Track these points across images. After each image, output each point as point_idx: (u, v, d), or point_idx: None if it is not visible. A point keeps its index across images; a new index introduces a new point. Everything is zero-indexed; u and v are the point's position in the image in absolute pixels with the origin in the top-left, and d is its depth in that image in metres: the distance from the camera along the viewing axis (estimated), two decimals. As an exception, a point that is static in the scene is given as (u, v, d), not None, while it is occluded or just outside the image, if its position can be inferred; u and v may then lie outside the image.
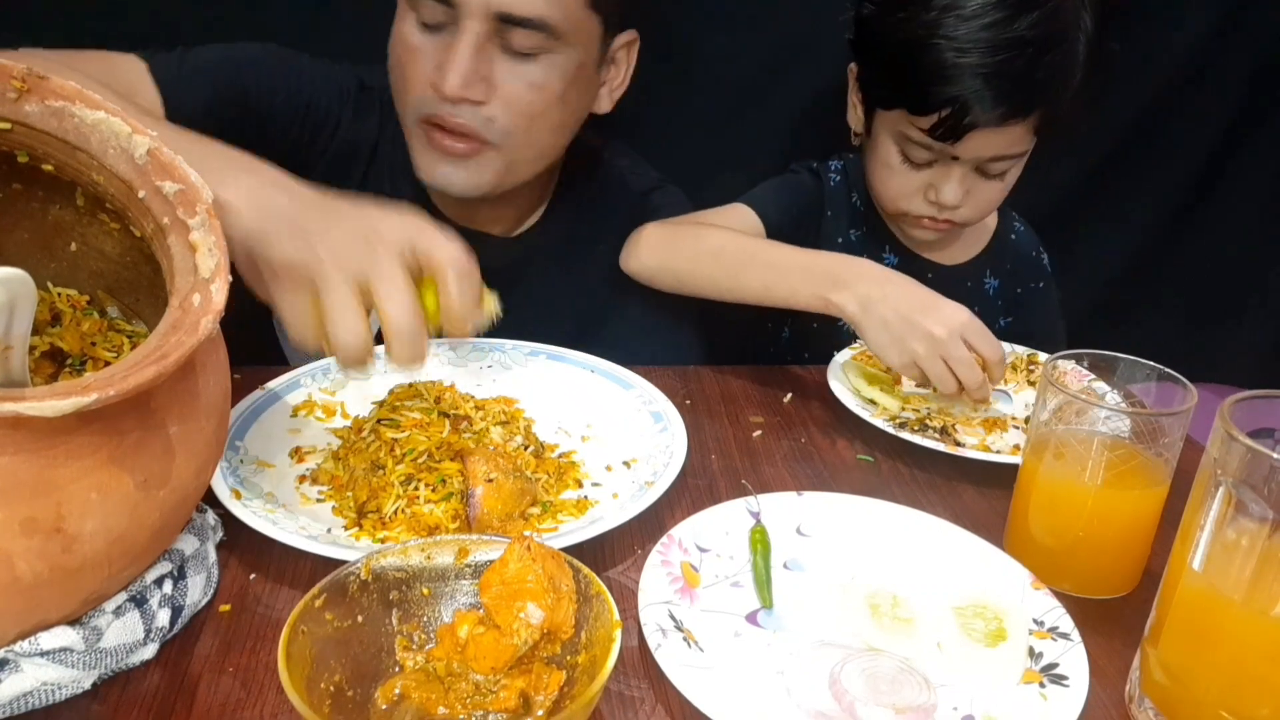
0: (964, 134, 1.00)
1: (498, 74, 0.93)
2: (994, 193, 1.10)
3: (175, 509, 0.55)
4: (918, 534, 0.72)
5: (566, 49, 0.95)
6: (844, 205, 1.22)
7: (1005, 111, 0.99)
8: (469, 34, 0.90)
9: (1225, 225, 1.52)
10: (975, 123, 0.99)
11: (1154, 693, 0.57)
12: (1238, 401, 0.54)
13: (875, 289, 0.92)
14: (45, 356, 0.62)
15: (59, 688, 0.54)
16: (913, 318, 0.89)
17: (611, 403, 0.91)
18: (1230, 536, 0.53)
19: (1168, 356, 0.71)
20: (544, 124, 0.99)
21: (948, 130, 1.00)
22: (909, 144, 1.06)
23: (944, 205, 1.07)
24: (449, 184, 0.98)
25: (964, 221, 1.12)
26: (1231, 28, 1.38)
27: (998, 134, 1.01)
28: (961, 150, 1.03)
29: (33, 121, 0.54)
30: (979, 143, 1.02)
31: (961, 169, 1.05)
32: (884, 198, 1.13)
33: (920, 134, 1.03)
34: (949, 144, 1.02)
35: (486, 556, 0.58)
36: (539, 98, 0.96)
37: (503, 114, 0.95)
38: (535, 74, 0.94)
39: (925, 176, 1.08)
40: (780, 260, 1.00)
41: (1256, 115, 1.45)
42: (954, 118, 0.99)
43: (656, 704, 0.58)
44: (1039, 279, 1.28)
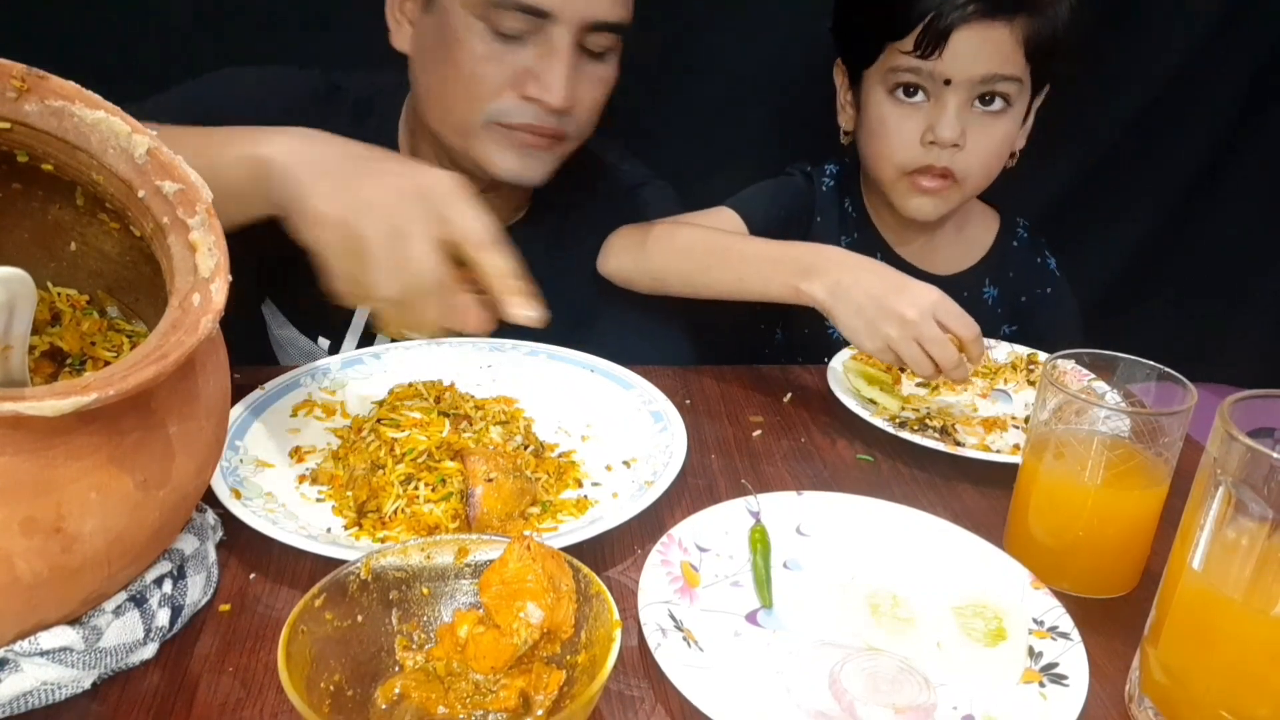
0: (946, 36, 1.00)
1: (580, 76, 0.95)
2: (996, 134, 1.07)
3: (175, 509, 0.55)
4: (917, 534, 0.72)
5: (622, 43, 0.98)
6: (835, 211, 1.21)
7: (982, 7, 0.99)
8: (565, 47, 0.91)
9: (1225, 225, 1.52)
10: (953, 23, 0.99)
11: (1154, 692, 0.57)
12: (1237, 401, 0.54)
13: (846, 275, 0.92)
14: (45, 356, 0.62)
15: (59, 687, 0.54)
16: (883, 301, 0.88)
17: (611, 402, 0.91)
18: (1230, 536, 0.53)
19: (1168, 356, 0.71)
20: (599, 114, 1.02)
21: (930, 40, 1.00)
22: (898, 77, 1.05)
23: (943, 142, 1.05)
24: (523, 174, 0.99)
25: (965, 173, 1.08)
26: (1231, 28, 1.38)
27: (983, 43, 1.01)
28: (950, 66, 1.01)
29: (32, 121, 0.54)
30: (965, 55, 1.01)
31: (955, 99, 1.03)
32: (881, 161, 1.11)
33: (907, 58, 1.03)
34: (935, 57, 1.01)
35: (486, 556, 0.58)
36: (604, 92, 0.99)
37: (580, 111, 0.97)
38: (605, 72, 0.98)
39: (921, 119, 1.06)
40: (751, 253, 1.01)
41: (1256, 115, 1.45)
42: (934, 23, 1.00)
43: (656, 704, 0.58)
44: (1045, 285, 1.26)
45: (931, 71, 1.03)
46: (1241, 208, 1.51)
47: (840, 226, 1.21)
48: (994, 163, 1.10)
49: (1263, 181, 1.49)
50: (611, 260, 1.08)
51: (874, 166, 1.13)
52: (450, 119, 0.98)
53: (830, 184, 1.22)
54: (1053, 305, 1.26)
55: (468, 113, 0.96)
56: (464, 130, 0.97)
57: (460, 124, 0.97)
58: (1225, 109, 1.45)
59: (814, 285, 0.92)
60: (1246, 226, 1.52)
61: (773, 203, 1.18)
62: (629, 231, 1.09)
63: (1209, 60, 1.40)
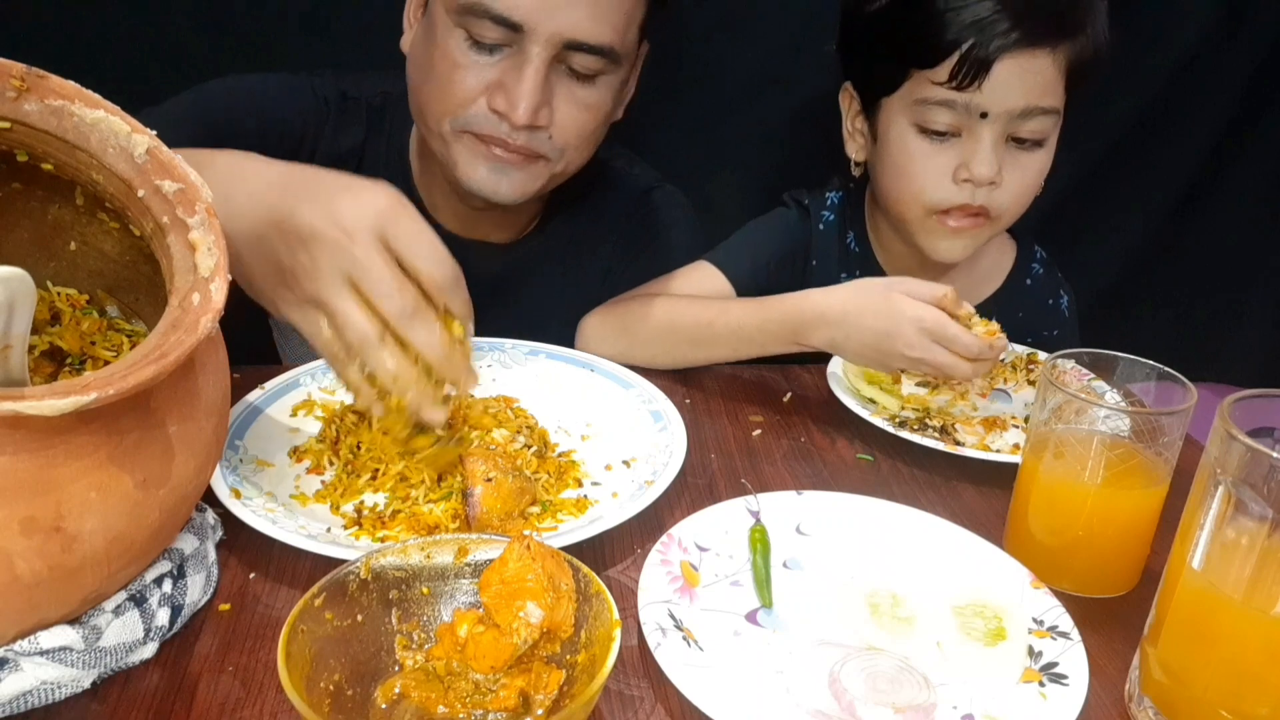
0: (988, 68, 0.91)
1: (557, 96, 0.92)
2: (1031, 171, 0.99)
3: (175, 508, 0.55)
4: (917, 533, 0.72)
5: (618, 70, 0.95)
6: (834, 248, 1.15)
7: (1026, 34, 0.91)
8: (536, 61, 0.89)
9: (1225, 224, 1.52)
10: (995, 52, 0.90)
11: (1153, 692, 0.57)
12: (1237, 400, 0.54)
13: (836, 332, 0.91)
14: (45, 356, 0.62)
15: (58, 687, 0.54)
16: (880, 347, 0.88)
17: (611, 402, 0.91)
18: (1230, 535, 0.53)
19: (1167, 356, 0.71)
20: (593, 140, 0.99)
21: (969, 69, 0.91)
22: (929, 110, 0.96)
23: (978, 180, 0.96)
24: (496, 191, 0.96)
25: (999, 211, 1.00)
26: (1232, 27, 1.38)
27: (1025, 74, 0.92)
28: (988, 99, 0.93)
29: (32, 120, 0.54)
30: (1006, 87, 0.93)
31: (991, 134, 0.95)
32: (906, 200, 1.02)
33: (940, 90, 0.94)
34: (973, 89, 0.92)
35: (486, 555, 0.58)
36: (592, 118, 0.96)
37: (559, 134, 0.94)
38: (592, 96, 0.94)
39: (952, 153, 0.98)
40: (737, 323, 0.97)
41: (1256, 115, 1.45)
42: (973, 52, 0.91)
43: (656, 703, 0.58)
44: (1053, 327, 1.19)
45: (967, 104, 0.94)
46: (1241, 208, 1.51)
47: (840, 264, 1.15)
48: (1029, 197, 1.03)
49: (1262, 182, 1.49)
50: (592, 349, 1.02)
51: (896, 204, 1.05)
52: (425, 123, 0.97)
53: (831, 218, 1.15)
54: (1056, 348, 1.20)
55: (440, 116, 0.94)
56: (438, 136, 0.96)
57: (434, 129, 0.96)
58: (1225, 109, 1.45)
59: (811, 340, 0.93)
60: (1246, 227, 1.52)
61: (760, 251, 1.12)
62: (596, 319, 1.04)
63: (1209, 60, 1.40)
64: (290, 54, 1.18)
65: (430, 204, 1.09)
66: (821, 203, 1.16)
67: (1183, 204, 1.50)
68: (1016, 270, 1.17)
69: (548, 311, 1.09)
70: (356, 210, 0.63)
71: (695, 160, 1.34)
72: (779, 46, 1.32)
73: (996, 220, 1.02)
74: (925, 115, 0.98)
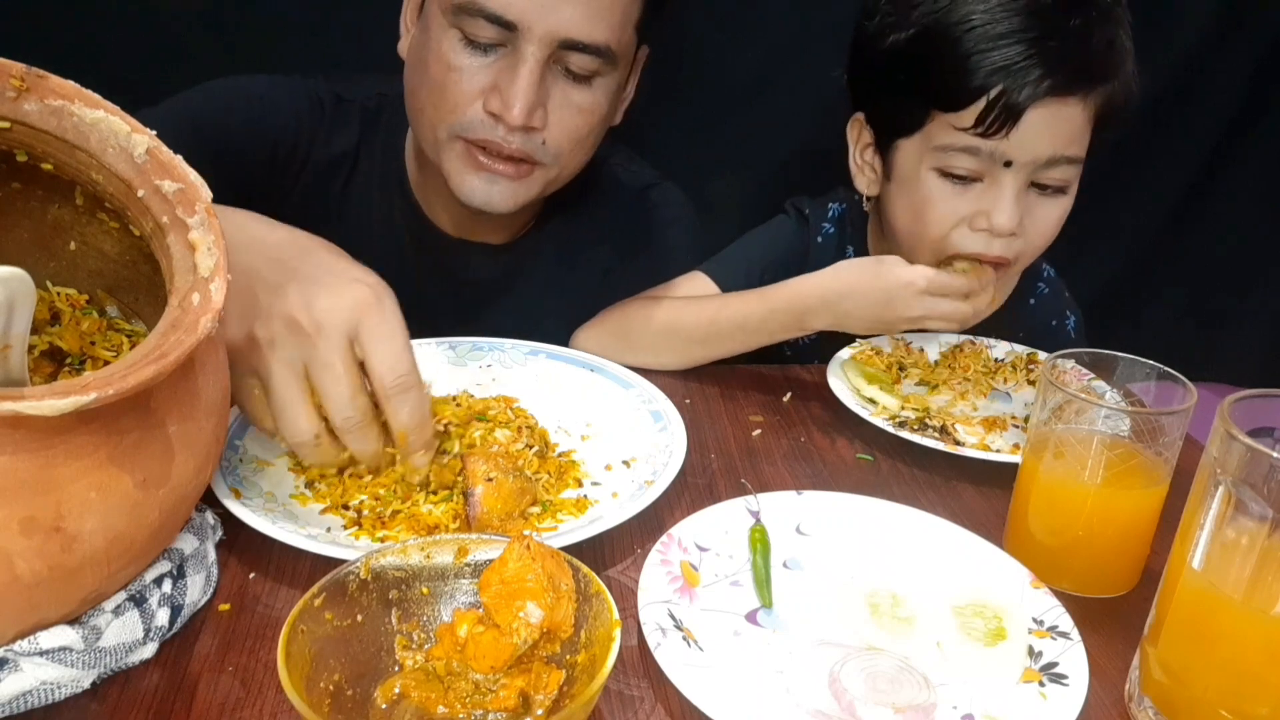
0: (1018, 117, 0.87)
1: (553, 98, 0.92)
2: (1053, 217, 0.96)
3: (174, 508, 0.55)
4: (917, 533, 0.72)
5: (614, 71, 0.94)
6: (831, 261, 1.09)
7: (1059, 81, 0.87)
8: (531, 61, 0.88)
9: (1225, 224, 1.52)
10: (1026, 101, 0.86)
11: (1154, 691, 0.57)
12: (1237, 400, 0.54)
13: (839, 310, 0.93)
14: (44, 356, 0.62)
15: (58, 687, 0.54)
16: (883, 317, 0.91)
17: (611, 402, 0.91)
18: (1230, 535, 0.53)
19: (1167, 355, 0.71)
20: (589, 143, 0.98)
21: (998, 117, 0.87)
22: (950, 156, 0.92)
23: (999, 231, 0.93)
24: (489, 202, 0.96)
25: (1018, 256, 0.96)
26: (1231, 28, 1.38)
27: (1055, 122, 0.89)
28: (1015, 148, 0.89)
29: (32, 120, 0.54)
30: (1034, 136, 0.89)
31: (1014, 182, 0.92)
32: (923, 243, 0.99)
33: (964, 136, 0.90)
34: (1001, 136, 0.88)
35: (486, 555, 0.58)
36: (587, 120, 0.95)
37: (554, 137, 0.93)
38: (587, 98, 0.94)
39: (971, 200, 0.94)
40: (743, 315, 0.98)
41: (1256, 115, 1.45)
42: (1001, 99, 0.87)
43: (656, 703, 0.58)
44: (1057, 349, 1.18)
45: (992, 152, 0.91)
46: (1241, 208, 1.51)
47: None
48: (1047, 244, 0.99)
49: (1263, 182, 1.49)
50: None
51: (911, 246, 1.01)
52: (421, 129, 0.97)
53: (830, 230, 1.13)
54: None
55: (435, 122, 0.94)
56: (434, 143, 0.96)
57: (430, 136, 0.96)
58: (1225, 109, 1.45)
59: (817, 324, 0.95)
60: (1246, 227, 1.52)
61: (754, 262, 1.11)
62: (591, 331, 1.04)
63: (1209, 60, 1.40)
64: (289, 55, 1.18)
65: (426, 205, 1.09)
66: (823, 213, 1.15)
67: (1183, 204, 1.50)
68: (1019, 291, 1.14)
69: (546, 311, 1.09)
70: (331, 305, 0.65)
71: (695, 161, 1.34)
72: (779, 46, 1.32)
73: (1015, 264, 0.99)
74: (946, 161, 0.94)
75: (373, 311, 0.66)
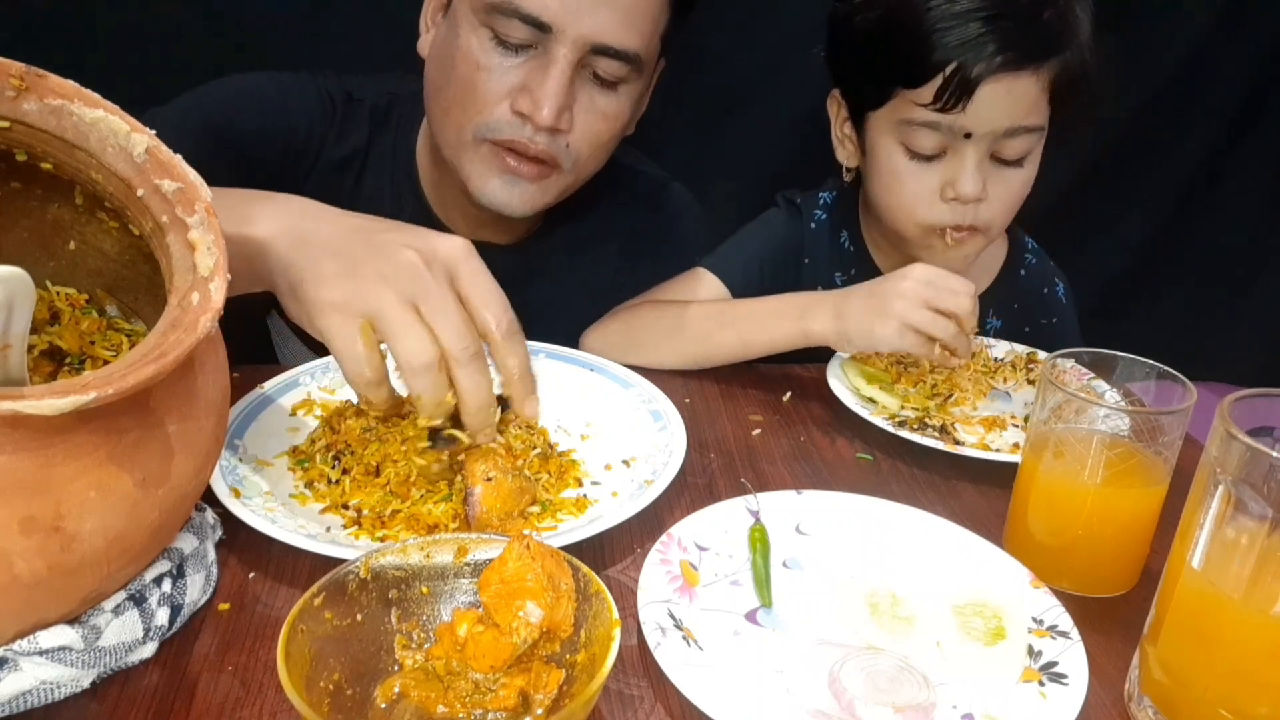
0: (972, 91, 0.92)
1: (579, 102, 0.92)
2: (1016, 185, 1.01)
3: (174, 507, 0.55)
4: (917, 532, 0.72)
5: (638, 79, 0.95)
6: (827, 247, 1.16)
7: (1012, 56, 0.91)
8: (563, 62, 0.88)
9: (1225, 224, 1.52)
10: (980, 75, 0.91)
11: (1153, 691, 0.57)
12: (1237, 400, 0.54)
13: (840, 300, 0.96)
14: (44, 355, 0.62)
15: (58, 686, 0.54)
16: (875, 289, 0.93)
17: (611, 401, 0.91)
18: (1229, 535, 0.53)
19: (1167, 355, 0.71)
20: (608, 150, 0.99)
21: (953, 92, 0.92)
22: (914, 131, 0.98)
23: (964, 198, 0.98)
24: (508, 204, 0.96)
25: (988, 225, 1.02)
26: (1231, 28, 1.38)
27: (1009, 95, 0.93)
28: (972, 120, 0.94)
29: (31, 120, 0.54)
30: (990, 108, 0.93)
31: (976, 152, 0.96)
32: (899, 217, 1.04)
33: (924, 111, 0.95)
34: (957, 111, 0.93)
35: (486, 555, 0.58)
36: (609, 127, 0.96)
37: (576, 141, 0.94)
38: (612, 104, 0.94)
39: (938, 173, 0.99)
40: (746, 311, 1.01)
41: (1256, 115, 1.45)
42: (957, 74, 0.92)
43: (656, 703, 0.58)
44: (1051, 315, 1.21)
45: (951, 125, 0.95)
46: (1241, 207, 1.51)
47: (834, 264, 1.16)
48: (1014, 209, 1.05)
49: (1262, 181, 1.49)
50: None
51: (891, 221, 1.06)
52: (445, 130, 0.97)
53: (823, 216, 1.16)
54: (1057, 336, 1.20)
55: (461, 122, 0.94)
56: (457, 144, 0.95)
57: (454, 137, 0.95)
58: (1225, 109, 1.45)
59: (818, 318, 0.96)
60: (1246, 226, 1.52)
61: (753, 254, 1.13)
62: (602, 330, 1.06)
63: (1209, 60, 1.40)
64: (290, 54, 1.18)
65: (437, 204, 1.08)
66: (814, 202, 1.17)
67: (1183, 204, 1.51)
68: (1010, 264, 1.19)
69: (556, 311, 1.09)
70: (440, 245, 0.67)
71: (696, 162, 1.34)
72: (779, 46, 1.32)
73: (987, 230, 1.04)
74: (910, 136, 0.99)
75: (472, 257, 0.68)
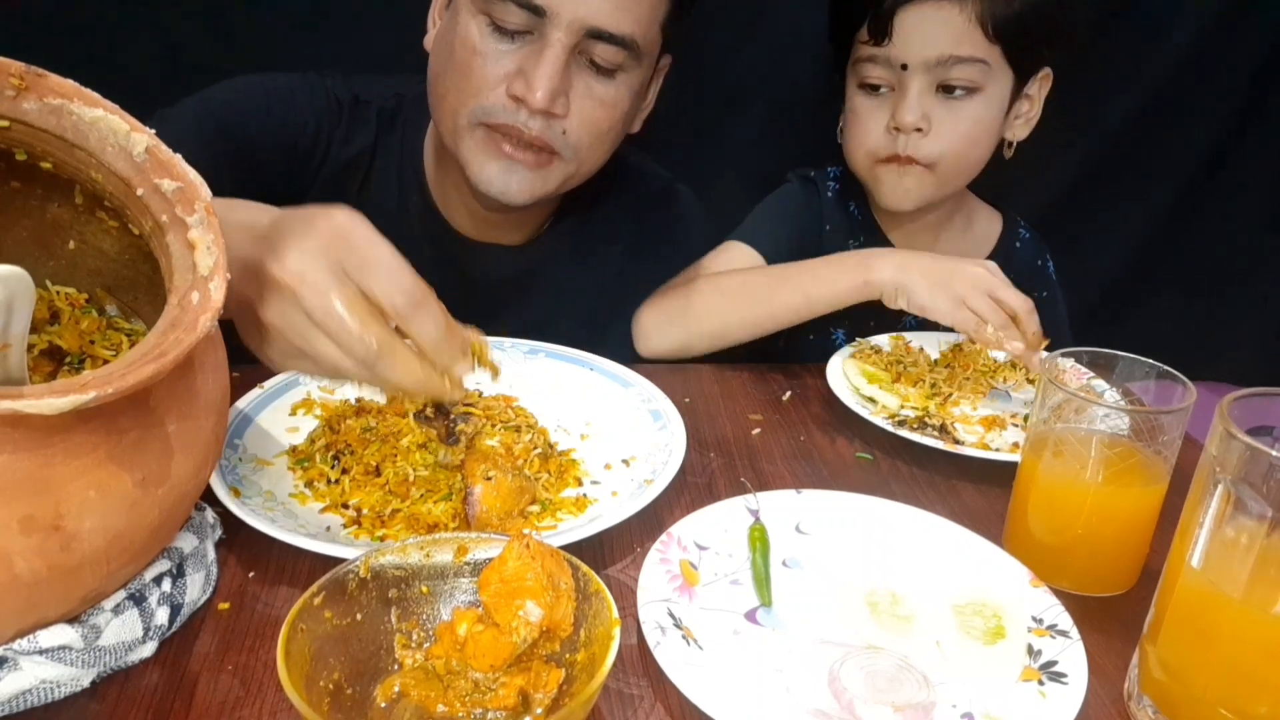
0: (891, 17, 1.01)
1: (576, 88, 0.92)
2: (964, 121, 1.06)
3: (174, 507, 0.55)
4: (917, 532, 0.72)
5: (638, 69, 0.95)
6: (842, 215, 1.22)
7: None
8: (558, 46, 0.89)
9: (1225, 223, 1.52)
10: (895, 3, 1.01)
11: (1153, 690, 0.57)
12: (1236, 399, 0.54)
13: (906, 256, 1.00)
14: (44, 355, 0.62)
15: (58, 686, 0.54)
16: (943, 260, 0.98)
17: (611, 401, 0.91)
18: (1229, 534, 0.53)
19: (1167, 354, 0.71)
20: (608, 140, 0.98)
21: (878, 23, 1.02)
22: (863, 67, 1.08)
23: (904, 126, 1.05)
24: (506, 191, 0.96)
25: (935, 159, 1.07)
26: (1231, 28, 1.38)
27: (932, 23, 1.01)
28: (902, 49, 1.03)
29: (31, 119, 0.54)
30: (918, 38, 1.02)
31: (916, 84, 1.04)
32: (853, 150, 1.13)
33: (866, 47, 1.05)
34: (886, 42, 1.03)
35: (485, 554, 0.58)
36: (608, 115, 0.95)
37: (574, 128, 0.94)
38: (610, 91, 0.94)
39: (887, 106, 1.08)
40: (807, 268, 1.05)
41: (1256, 114, 1.45)
42: (879, 6, 1.02)
43: (655, 702, 0.58)
44: (1043, 288, 1.27)
45: (888, 57, 1.04)
46: (1241, 207, 1.51)
47: (848, 231, 1.22)
48: (969, 149, 1.09)
49: (1262, 181, 1.49)
50: (655, 339, 1.08)
51: (850, 158, 1.15)
52: (443, 116, 0.97)
53: (835, 188, 1.23)
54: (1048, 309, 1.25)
55: (458, 107, 0.94)
56: (454, 130, 0.96)
57: (451, 123, 0.96)
58: (1225, 109, 1.45)
59: (882, 270, 0.99)
60: (1246, 225, 1.52)
61: (780, 222, 1.18)
62: (653, 310, 1.09)
63: (1209, 60, 1.40)
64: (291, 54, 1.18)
65: (444, 205, 1.08)
66: (825, 176, 1.25)
67: (1183, 203, 1.50)
68: (1006, 235, 1.27)
69: (561, 311, 1.09)
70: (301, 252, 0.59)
71: (695, 160, 1.34)
72: (779, 46, 1.32)
73: (935, 168, 1.09)
74: (862, 72, 1.09)
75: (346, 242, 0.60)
